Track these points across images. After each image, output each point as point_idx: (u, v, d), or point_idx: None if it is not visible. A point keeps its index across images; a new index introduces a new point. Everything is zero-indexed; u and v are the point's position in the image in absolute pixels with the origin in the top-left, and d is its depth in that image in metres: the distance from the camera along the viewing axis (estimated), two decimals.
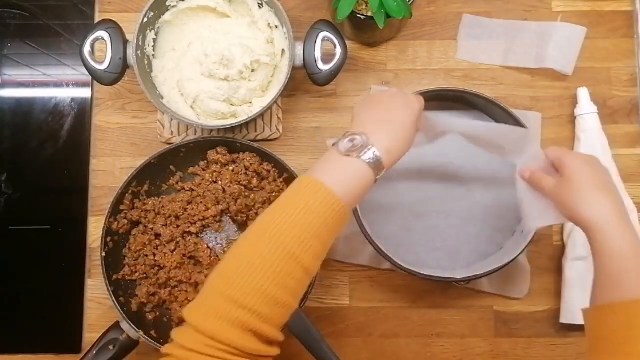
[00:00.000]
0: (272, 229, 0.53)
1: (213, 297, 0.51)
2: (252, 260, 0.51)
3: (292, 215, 0.53)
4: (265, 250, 0.52)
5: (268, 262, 0.51)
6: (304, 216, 0.53)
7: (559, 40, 0.89)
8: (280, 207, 0.55)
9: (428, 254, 0.85)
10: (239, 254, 0.53)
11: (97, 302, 0.88)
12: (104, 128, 0.91)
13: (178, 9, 0.86)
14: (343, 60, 0.80)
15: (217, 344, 0.49)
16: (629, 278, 0.56)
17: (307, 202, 0.54)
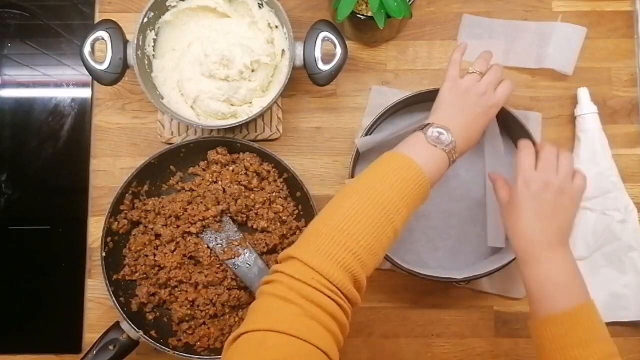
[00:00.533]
0: (373, 193, 0.60)
1: (323, 240, 0.57)
2: (358, 216, 0.58)
3: (390, 185, 0.61)
4: (369, 210, 0.59)
5: (370, 220, 0.59)
6: (399, 187, 0.61)
7: (559, 40, 0.89)
8: (378, 177, 0.62)
9: (428, 253, 0.85)
10: (346, 209, 0.59)
11: (97, 302, 0.88)
12: (104, 128, 0.91)
13: (178, 9, 0.86)
14: (343, 60, 0.80)
15: (322, 279, 0.55)
16: (562, 293, 0.64)
17: (403, 176, 0.62)
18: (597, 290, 0.84)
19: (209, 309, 0.82)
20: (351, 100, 0.91)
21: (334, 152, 0.90)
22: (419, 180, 0.62)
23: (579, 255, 0.84)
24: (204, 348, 0.82)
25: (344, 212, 0.59)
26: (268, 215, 0.84)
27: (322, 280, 0.54)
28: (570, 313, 0.63)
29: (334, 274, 0.55)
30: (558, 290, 0.64)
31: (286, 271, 0.55)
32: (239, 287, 0.83)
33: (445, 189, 0.86)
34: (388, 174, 0.62)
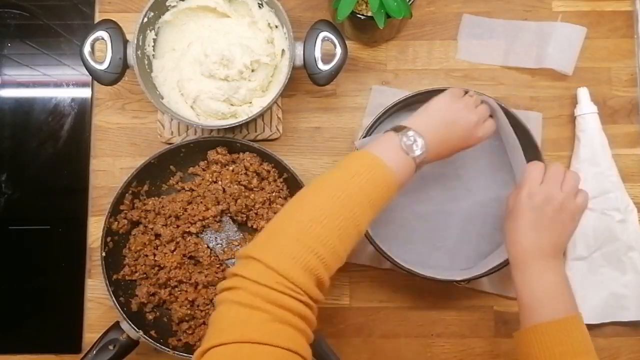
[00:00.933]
0: (339, 193, 0.59)
1: (287, 241, 0.56)
2: (325, 218, 0.58)
3: (361, 185, 0.60)
4: (336, 212, 0.58)
5: (337, 222, 0.58)
6: (369, 188, 0.61)
7: (559, 40, 0.89)
8: (349, 176, 0.61)
9: (428, 253, 0.85)
10: (313, 208, 0.59)
11: (97, 302, 0.88)
12: (104, 128, 0.91)
13: (178, 9, 0.86)
14: (343, 60, 0.80)
15: (287, 282, 0.54)
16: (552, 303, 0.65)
17: (373, 178, 0.61)
18: (597, 290, 0.84)
19: (209, 309, 0.82)
20: (351, 100, 0.91)
21: (334, 152, 0.90)
22: (389, 184, 0.62)
23: (579, 255, 0.84)
24: None
25: (311, 212, 0.58)
26: (268, 215, 0.84)
27: (286, 283, 0.54)
28: (561, 322, 0.64)
29: (299, 277, 0.54)
30: (549, 299, 0.65)
31: (248, 276, 0.54)
32: None
33: (445, 188, 0.86)
34: (358, 174, 0.61)
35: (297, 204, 0.61)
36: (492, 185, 0.86)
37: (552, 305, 0.65)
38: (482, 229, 0.85)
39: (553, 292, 0.66)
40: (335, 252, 0.58)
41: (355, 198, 0.60)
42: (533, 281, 0.66)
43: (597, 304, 0.84)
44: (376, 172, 0.62)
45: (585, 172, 0.84)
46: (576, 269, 0.84)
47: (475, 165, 0.86)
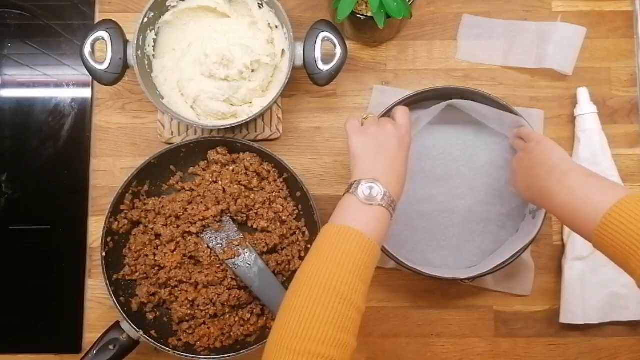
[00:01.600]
0: (322, 278, 0.57)
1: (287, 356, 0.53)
2: (313, 310, 0.55)
3: (337, 263, 0.57)
4: (322, 300, 0.55)
5: (327, 310, 0.55)
6: (347, 262, 0.58)
7: (559, 40, 0.89)
8: (322, 257, 0.59)
9: (432, 252, 0.85)
10: (297, 308, 0.56)
11: (97, 302, 0.88)
12: (104, 128, 0.91)
13: (178, 9, 0.86)
14: (343, 60, 0.80)
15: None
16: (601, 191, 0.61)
17: (348, 249, 0.59)
18: (597, 290, 0.84)
19: (209, 309, 0.82)
20: (351, 100, 0.91)
21: (334, 152, 0.90)
22: (366, 247, 0.59)
23: (579, 255, 0.84)
24: (204, 348, 0.82)
25: (299, 314, 0.55)
26: (268, 215, 0.84)
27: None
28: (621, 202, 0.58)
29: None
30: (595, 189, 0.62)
31: None
32: (239, 287, 0.83)
33: (447, 187, 0.86)
34: (331, 252, 0.59)
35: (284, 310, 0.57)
36: (494, 182, 0.86)
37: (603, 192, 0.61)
38: (486, 226, 0.85)
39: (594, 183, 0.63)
40: (339, 343, 0.54)
41: (338, 278, 0.56)
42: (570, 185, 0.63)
43: (597, 304, 0.84)
44: (349, 242, 0.59)
45: None
46: (576, 269, 0.84)
47: (477, 163, 0.86)
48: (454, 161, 0.86)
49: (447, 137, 0.87)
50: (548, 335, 0.87)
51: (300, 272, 0.60)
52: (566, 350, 0.87)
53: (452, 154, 0.87)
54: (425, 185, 0.86)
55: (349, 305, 0.56)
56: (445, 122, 0.87)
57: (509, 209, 0.85)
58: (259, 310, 0.84)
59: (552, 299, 0.87)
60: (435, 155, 0.87)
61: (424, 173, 0.87)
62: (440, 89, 0.83)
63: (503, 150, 0.86)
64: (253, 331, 0.83)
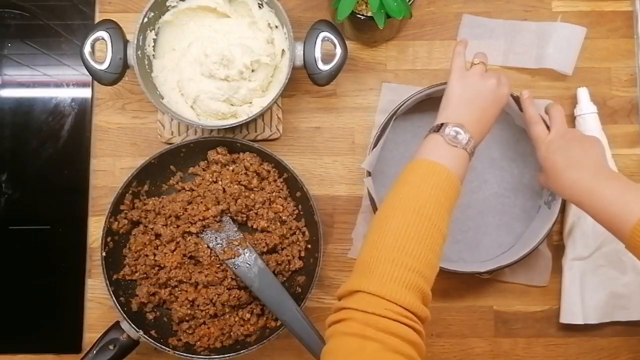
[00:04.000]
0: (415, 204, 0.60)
1: (384, 265, 0.57)
2: (410, 232, 0.58)
3: (428, 193, 0.61)
4: (415, 222, 0.59)
5: (421, 232, 0.59)
6: (437, 194, 0.61)
7: (559, 40, 0.89)
8: (414, 187, 0.62)
9: (449, 247, 0.86)
10: (392, 227, 0.59)
11: (97, 302, 0.88)
12: (104, 128, 0.91)
13: (178, 9, 0.86)
14: (343, 60, 0.80)
15: (395, 307, 0.54)
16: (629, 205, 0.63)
17: (436, 183, 0.62)
18: (597, 290, 0.84)
19: (209, 309, 0.82)
20: (351, 100, 0.91)
21: (334, 152, 0.90)
22: (452, 183, 0.63)
23: (579, 255, 0.84)
24: (204, 348, 0.82)
25: (394, 232, 0.59)
26: (268, 215, 0.84)
27: (395, 309, 0.54)
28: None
29: (405, 298, 0.55)
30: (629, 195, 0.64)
31: (356, 306, 0.54)
32: (239, 287, 0.83)
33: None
34: (422, 183, 0.62)
35: (378, 229, 0.61)
36: (507, 175, 0.86)
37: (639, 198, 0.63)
38: (501, 219, 0.86)
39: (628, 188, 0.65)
40: (430, 263, 0.58)
41: (429, 206, 0.60)
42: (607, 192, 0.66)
43: (597, 304, 0.84)
44: (438, 176, 0.63)
45: None
46: (576, 269, 0.84)
47: (489, 157, 0.87)
48: None
49: None
50: (548, 335, 0.87)
51: (389, 198, 0.63)
52: (566, 350, 0.87)
53: None
54: None
55: (438, 231, 0.60)
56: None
57: (523, 201, 0.86)
58: (259, 310, 0.84)
59: (552, 299, 0.87)
60: None
61: None
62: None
63: (514, 142, 0.87)
64: (253, 331, 0.83)
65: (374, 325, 0.53)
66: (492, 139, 0.87)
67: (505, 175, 0.87)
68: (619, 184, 0.66)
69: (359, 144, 0.90)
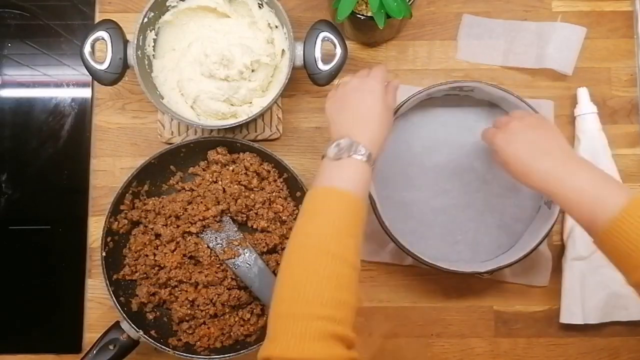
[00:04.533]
0: (311, 241, 0.56)
1: (286, 323, 0.52)
2: (306, 274, 0.54)
3: (321, 223, 0.57)
4: (315, 261, 0.54)
5: (319, 270, 0.54)
6: (330, 220, 0.57)
7: (559, 40, 0.89)
8: (307, 221, 0.59)
9: (449, 247, 0.86)
10: (289, 274, 0.56)
11: (97, 302, 0.88)
12: (104, 128, 0.91)
13: (178, 9, 0.86)
14: (343, 60, 0.80)
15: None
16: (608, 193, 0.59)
17: (329, 208, 0.58)
18: (597, 290, 0.84)
19: (209, 309, 0.82)
20: None
21: None
22: (346, 202, 0.59)
23: (579, 255, 0.84)
24: (204, 348, 0.82)
25: (292, 279, 0.54)
26: (268, 215, 0.84)
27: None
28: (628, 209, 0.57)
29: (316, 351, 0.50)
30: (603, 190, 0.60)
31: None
32: (239, 287, 0.84)
33: (461, 182, 0.87)
34: (314, 213, 0.58)
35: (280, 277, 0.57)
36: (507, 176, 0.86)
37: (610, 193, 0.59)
38: (501, 219, 0.86)
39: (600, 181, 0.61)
40: (339, 302, 0.53)
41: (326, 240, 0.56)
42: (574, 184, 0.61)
43: (597, 304, 0.84)
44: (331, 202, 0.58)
45: None
46: (576, 269, 0.84)
47: (489, 157, 0.87)
48: (466, 155, 0.87)
49: (458, 131, 0.87)
50: (548, 335, 0.87)
51: (291, 238, 0.59)
52: (566, 350, 0.87)
53: (464, 148, 0.87)
54: (438, 181, 0.87)
55: (343, 263, 0.55)
56: (456, 118, 0.87)
57: (523, 201, 0.86)
58: (259, 310, 0.84)
59: (552, 299, 0.87)
60: (448, 150, 0.87)
61: (437, 168, 0.87)
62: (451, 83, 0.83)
63: None
64: (253, 331, 0.83)
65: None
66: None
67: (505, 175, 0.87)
68: (591, 175, 0.62)
69: None
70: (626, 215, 0.57)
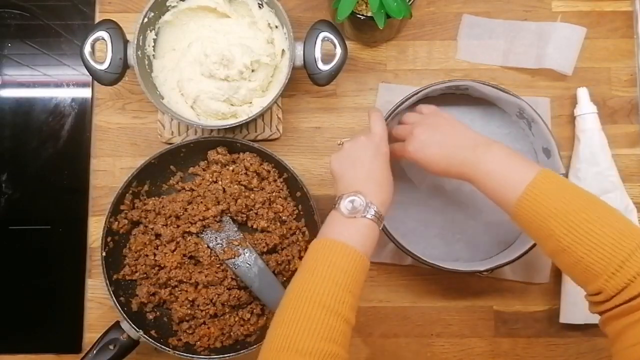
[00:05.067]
0: (309, 292, 0.57)
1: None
2: (299, 323, 0.55)
3: (323, 276, 0.58)
4: (309, 312, 0.55)
5: (313, 322, 0.55)
6: (333, 274, 0.58)
7: (559, 40, 0.89)
8: (309, 271, 0.59)
9: (448, 246, 0.86)
10: (284, 321, 0.56)
11: (97, 302, 0.88)
12: (104, 128, 0.91)
13: (178, 9, 0.86)
14: (343, 60, 0.80)
15: None
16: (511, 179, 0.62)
17: (334, 262, 0.59)
18: None
19: (209, 309, 0.82)
20: (351, 100, 0.91)
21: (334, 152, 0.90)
22: (352, 259, 0.60)
23: None
24: (204, 348, 0.82)
25: (286, 326, 0.55)
26: (268, 215, 0.84)
27: None
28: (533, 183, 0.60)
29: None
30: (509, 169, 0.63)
31: None
32: (239, 287, 0.84)
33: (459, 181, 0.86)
34: (318, 265, 0.59)
35: (275, 323, 0.57)
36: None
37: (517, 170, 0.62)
38: (500, 218, 0.86)
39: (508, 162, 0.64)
40: (328, 354, 0.54)
41: (324, 291, 0.56)
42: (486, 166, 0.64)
43: None
44: (336, 255, 0.59)
45: (585, 172, 0.85)
46: None
47: None
48: None
49: None
50: (548, 335, 0.87)
51: (289, 287, 0.60)
52: (566, 350, 0.87)
53: None
54: (436, 180, 0.87)
55: (336, 317, 0.56)
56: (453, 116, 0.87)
57: None
58: (259, 310, 0.84)
59: (552, 299, 0.87)
60: None
61: None
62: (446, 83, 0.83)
63: (511, 140, 0.87)
64: (253, 331, 0.83)
65: None
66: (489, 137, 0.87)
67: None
68: (498, 158, 0.64)
69: None
70: (532, 189, 0.60)
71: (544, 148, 0.83)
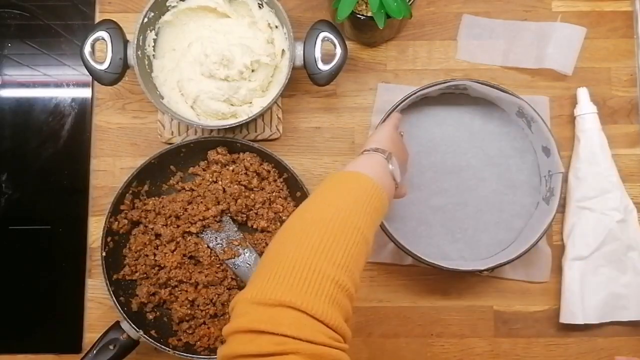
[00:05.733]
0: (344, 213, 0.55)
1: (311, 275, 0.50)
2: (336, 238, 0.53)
3: (356, 201, 0.57)
4: (344, 231, 0.54)
5: (349, 241, 0.54)
6: (364, 201, 0.58)
7: (559, 40, 0.89)
8: (335, 194, 0.59)
9: (448, 246, 0.86)
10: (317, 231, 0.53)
11: (97, 302, 0.88)
12: (104, 128, 0.91)
13: (178, 9, 0.86)
14: (343, 60, 0.80)
15: (326, 329, 0.48)
16: None
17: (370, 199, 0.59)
18: (597, 290, 0.84)
19: (209, 309, 0.83)
20: (351, 100, 0.91)
21: (334, 152, 0.90)
22: (378, 194, 0.60)
23: (579, 255, 0.84)
24: (204, 348, 0.82)
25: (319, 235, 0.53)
26: (268, 215, 0.84)
27: (328, 332, 0.48)
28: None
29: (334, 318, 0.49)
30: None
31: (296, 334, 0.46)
32: (239, 286, 0.84)
33: (458, 180, 0.87)
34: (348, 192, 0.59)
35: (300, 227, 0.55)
36: (504, 172, 0.87)
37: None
38: (500, 216, 0.86)
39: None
40: (353, 279, 0.53)
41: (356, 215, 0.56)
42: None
43: (597, 304, 0.84)
44: (374, 196, 0.59)
45: (584, 172, 0.85)
46: (576, 269, 0.84)
47: (486, 154, 0.87)
48: (463, 153, 0.87)
49: (454, 130, 0.88)
50: (548, 335, 0.87)
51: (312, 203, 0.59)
52: (566, 350, 0.87)
53: (460, 147, 0.88)
54: (436, 180, 0.87)
55: (364, 240, 0.55)
56: (452, 116, 0.88)
57: (522, 198, 0.87)
58: None
59: (552, 299, 0.87)
60: (444, 149, 0.88)
61: (434, 167, 0.87)
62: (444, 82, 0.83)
63: (511, 139, 0.88)
64: None
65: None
66: (488, 136, 0.88)
67: (503, 172, 0.87)
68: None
69: (359, 144, 0.90)
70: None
71: (544, 147, 0.83)
